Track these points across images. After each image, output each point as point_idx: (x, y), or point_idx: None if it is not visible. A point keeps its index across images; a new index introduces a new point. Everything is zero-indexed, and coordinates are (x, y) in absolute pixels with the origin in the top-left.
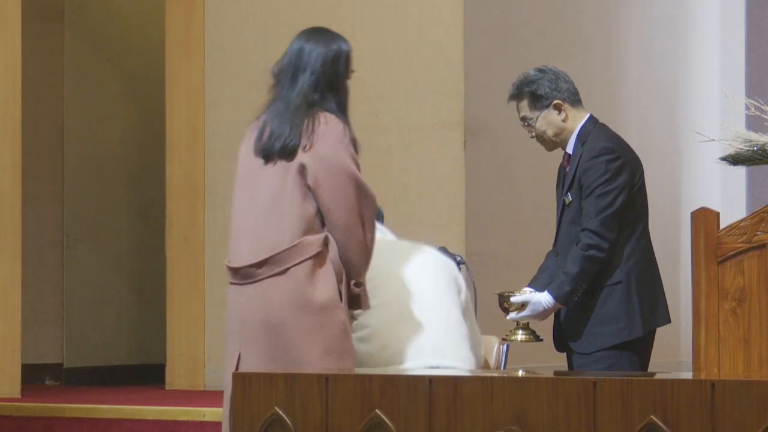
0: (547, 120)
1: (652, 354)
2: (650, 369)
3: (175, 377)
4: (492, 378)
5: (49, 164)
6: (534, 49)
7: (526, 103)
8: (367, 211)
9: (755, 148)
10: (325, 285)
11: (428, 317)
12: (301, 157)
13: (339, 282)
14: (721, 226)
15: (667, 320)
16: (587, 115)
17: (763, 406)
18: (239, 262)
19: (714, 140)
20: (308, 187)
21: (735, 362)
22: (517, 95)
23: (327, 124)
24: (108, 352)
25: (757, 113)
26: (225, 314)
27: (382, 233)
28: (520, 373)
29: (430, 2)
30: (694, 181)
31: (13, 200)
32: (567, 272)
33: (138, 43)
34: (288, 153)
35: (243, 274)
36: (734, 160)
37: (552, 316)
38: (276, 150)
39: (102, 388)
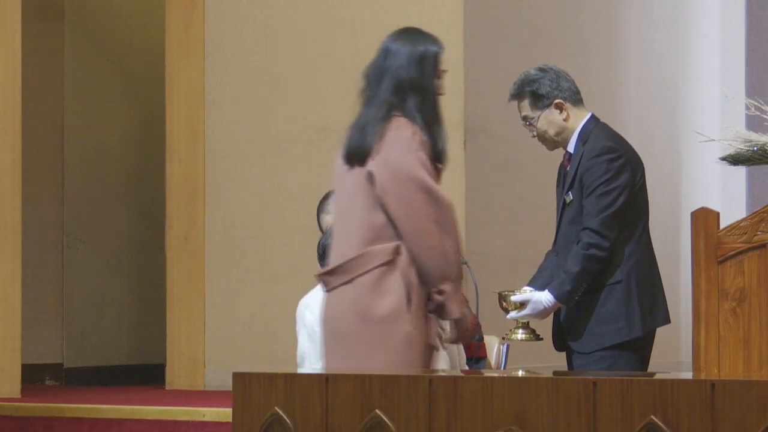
0: (549, 119)
1: (652, 354)
2: (650, 369)
3: (175, 377)
4: (492, 378)
5: (49, 164)
6: (534, 49)
7: (528, 103)
8: (443, 216)
9: (755, 148)
10: (391, 295)
11: None
12: (371, 164)
13: (409, 292)
14: (721, 226)
15: (667, 320)
16: (588, 115)
17: (763, 406)
18: (325, 269)
19: (714, 140)
20: (377, 196)
21: (735, 362)
22: (518, 95)
23: (397, 129)
24: (108, 352)
25: (757, 113)
26: (225, 314)
27: None
28: (520, 373)
29: (430, 2)
30: (694, 181)
31: (13, 200)
32: (567, 271)
33: (138, 43)
34: (361, 158)
35: (324, 282)
36: (734, 160)
37: (552, 316)
38: (352, 155)
39: (102, 388)
